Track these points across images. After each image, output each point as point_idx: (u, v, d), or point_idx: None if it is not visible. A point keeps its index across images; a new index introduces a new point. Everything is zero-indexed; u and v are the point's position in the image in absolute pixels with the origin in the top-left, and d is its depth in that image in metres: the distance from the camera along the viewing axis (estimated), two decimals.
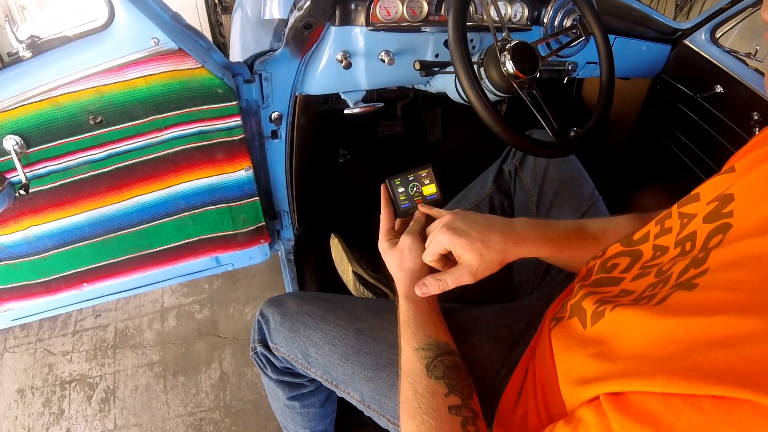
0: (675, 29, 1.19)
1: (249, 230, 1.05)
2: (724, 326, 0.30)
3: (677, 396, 0.30)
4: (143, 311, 1.60)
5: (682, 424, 0.29)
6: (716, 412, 0.28)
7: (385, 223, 0.68)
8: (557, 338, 0.51)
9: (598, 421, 0.35)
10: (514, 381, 0.58)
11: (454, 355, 0.56)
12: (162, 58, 0.72)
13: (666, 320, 0.35)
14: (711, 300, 0.34)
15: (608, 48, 0.84)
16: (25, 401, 1.41)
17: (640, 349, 0.36)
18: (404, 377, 0.55)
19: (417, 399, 0.51)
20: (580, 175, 0.91)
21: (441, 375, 0.53)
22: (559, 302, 0.63)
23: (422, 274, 0.63)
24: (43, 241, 0.90)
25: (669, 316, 0.35)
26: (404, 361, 0.56)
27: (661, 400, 0.30)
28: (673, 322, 0.34)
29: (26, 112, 0.73)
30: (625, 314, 0.40)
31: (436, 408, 0.50)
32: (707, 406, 0.28)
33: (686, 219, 0.45)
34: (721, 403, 0.27)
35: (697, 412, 0.28)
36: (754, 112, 1.04)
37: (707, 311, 0.32)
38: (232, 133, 0.87)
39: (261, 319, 0.75)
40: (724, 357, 0.29)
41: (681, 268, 0.40)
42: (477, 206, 1.05)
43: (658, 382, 0.31)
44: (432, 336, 0.57)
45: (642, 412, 0.31)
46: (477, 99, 0.69)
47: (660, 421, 0.30)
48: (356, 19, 0.82)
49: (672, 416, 0.29)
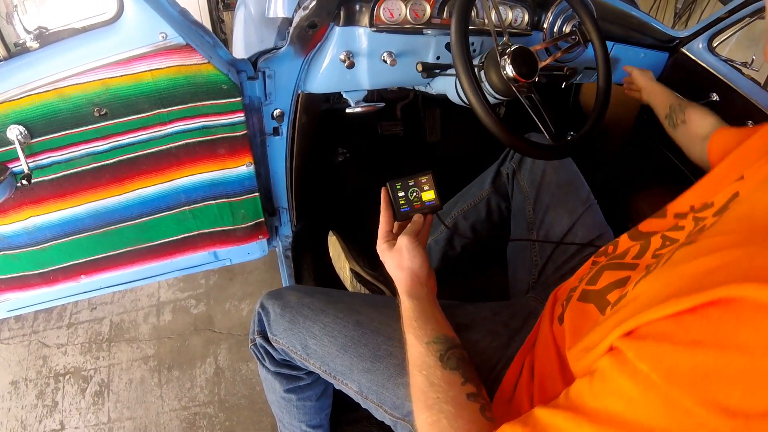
0: (673, 37, 1.21)
1: (248, 226, 1.06)
2: (722, 257, 0.33)
3: (686, 312, 0.32)
4: (139, 305, 1.60)
5: (694, 332, 0.31)
6: (723, 315, 0.30)
7: (384, 225, 0.70)
8: (571, 324, 0.52)
9: (614, 360, 0.35)
10: (510, 375, 0.59)
11: (461, 349, 0.57)
12: (169, 52, 0.73)
13: (670, 269, 0.37)
14: (710, 244, 0.36)
15: (606, 54, 0.85)
16: (19, 393, 1.41)
17: (648, 296, 0.37)
18: (416, 371, 0.55)
19: (434, 390, 0.51)
20: (576, 179, 0.93)
21: (455, 366, 0.54)
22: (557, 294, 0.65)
23: (422, 273, 0.64)
24: (42, 232, 0.90)
25: (673, 266, 0.37)
26: (414, 356, 0.57)
27: (672, 320, 0.32)
28: (678, 268, 0.36)
29: (31, 102, 0.74)
30: (640, 284, 0.42)
31: (454, 396, 0.50)
32: (714, 312, 0.30)
33: (700, 222, 0.48)
34: (726, 307, 0.30)
35: (706, 321, 0.30)
36: (748, 120, 1.06)
37: (707, 251, 0.35)
38: (234, 128, 0.87)
39: (261, 311, 0.76)
40: (724, 273, 0.31)
41: (686, 235, 0.43)
42: (474, 207, 1.06)
43: (668, 305, 0.33)
44: (439, 330, 0.58)
45: (655, 334, 0.33)
46: (477, 101, 0.70)
47: (674, 336, 0.32)
48: (360, 19, 0.83)
49: (683, 330, 0.31)
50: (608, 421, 0.33)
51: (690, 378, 0.30)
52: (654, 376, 0.31)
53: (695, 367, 0.30)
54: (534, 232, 0.91)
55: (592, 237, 0.85)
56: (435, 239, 1.09)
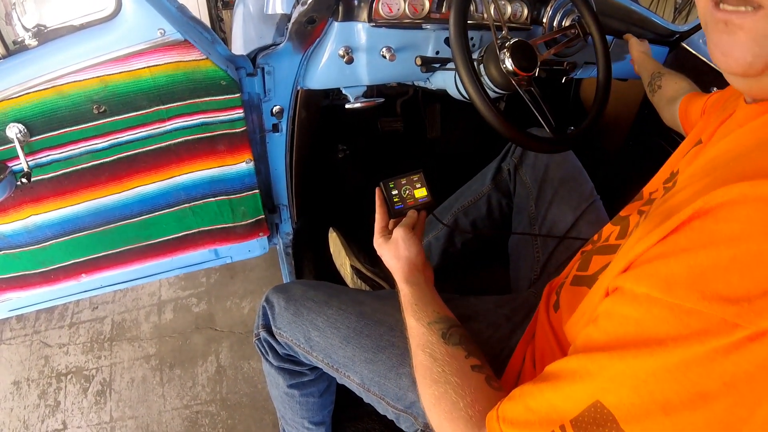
0: (673, 32, 1.20)
1: (248, 223, 1.06)
2: (692, 188, 0.35)
3: (671, 233, 0.33)
4: (140, 304, 1.60)
5: (682, 243, 0.32)
6: (704, 222, 0.32)
7: (379, 221, 0.73)
8: (567, 303, 0.53)
9: (612, 297, 0.37)
10: (512, 364, 0.60)
11: (463, 328, 0.57)
12: (167, 49, 0.73)
13: (649, 218, 0.38)
14: (681, 188, 0.38)
15: (605, 48, 0.85)
16: (21, 393, 1.41)
17: (632, 241, 0.38)
18: (419, 350, 0.55)
19: (438, 364, 0.52)
20: (580, 174, 0.92)
21: (458, 341, 0.54)
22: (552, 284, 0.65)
23: (418, 261, 0.66)
24: (43, 231, 0.90)
25: (651, 214, 0.39)
26: (416, 336, 0.57)
27: (660, 244, 0.34)
28: (656, 211, 0.38)
29: (30, 100, 0.74)
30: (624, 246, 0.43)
31: (459, 368, 0.51)
32: (696, 223, 0.32)
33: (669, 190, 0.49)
34: (705, 216, 0.32)
35: (689, 230, 0.32)
36: None
37: (680, 191, 0.37)
38: (234, 125, 0.87)
39: (266, 304, 0.77)
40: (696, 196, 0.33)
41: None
42: (475, 204, 1.06)
43: (654, 234, 0.34)
44: (440, 312, 0.59)
45: (647, 259, 0.35)
46: (477, 94, 0.70)
47: (664, 254, 0.33)
48: (359, 15, 0.83)
49: (672, 245, 0.33)
50: (621, 345, 0.34)
51: (687, 281, 0.31)
52: (654, 293, 0.32)
53: (690, 269, 0.31)
54: (536, 228, 0.91)
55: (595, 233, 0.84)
56: (435, 236, 1.09)
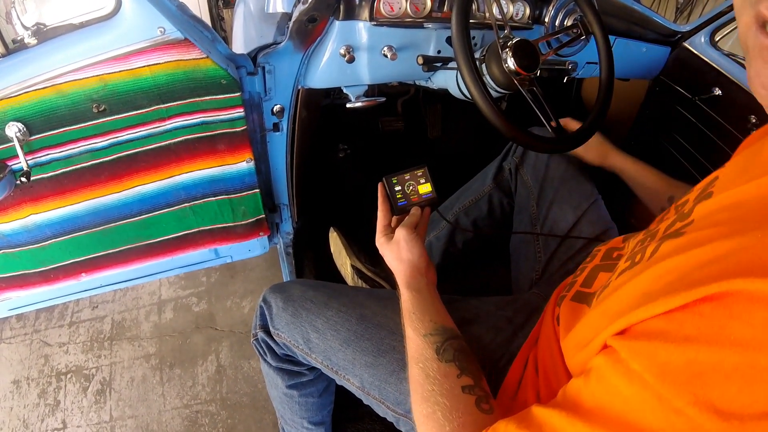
0: (675, 31, 1.20)
1: (248, 222, 1.05)
2: (713, 250, 0.32)
3: (678, 309, 0.31)
4: (140, 303, 1.60)
5: (687, 329, 0.30)
6: (716, 310, 0.29)
7: (381, 219, 0.71)
8: (565, 320, 0.52)
9: (608, 359, 0.35)
10: (513, 370, 0.59)
11: (460, 340, 0.57)
12: (167, 47, 0.72)
13: (658, 264, 0.36)
14: (699, 237, 0.35)
15: (608, 47, 0.85)
16: (21, 392, 1.41)
17: (638, 292, 0.36)
18: (413, 363, 0.55)
19: (429, 382, 0.51)
20: (581, 174, 0.92)
21: (451, 358, 0.53)
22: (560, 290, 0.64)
23: (421, 263, 0.65)
24: (42, 230, 0.90)
25: (663, 260, 0.36)
26: (412, 348, 0.57)
27: (664, 318, 0.32)
28: (666, 262, 0.35)
29: (29, 99, 0.73)
30: (625, 275, 0.41)
31: (450, 389, 0.50)
32: (706, 308, 0.29)
33: (680, 207, 0.47)
34: (718, 302, 0.29)
35: (698, 317, 0.30)
36: (751, 115, 1.05)
37: (697, 245, 0.34)
38: (234, 124, 0.87)
39: (264, 304, 0.76)
40: (716, 268, 0.30)
41: (667, 224, 0.43)
42: (476, 203, 1.06)
43: (660, 303, 0.32)
44: (438, 322, 0.58)
45: (648, 333, 0.32)
46: (479, 94, 0.70)
47: (667, 334, 0.31)
48: (360, 13, 0.82)
49: (677, 326, 0.31)
50: (603, 421, 0.33)
51: (683, 376, 0.29)
52: (647, 376, 0.31)
53: (688, 364, 0.29)
54: (538, 227, 0.90)
55: (597, 232, 0.84)
56: (436, 235, 1.08)
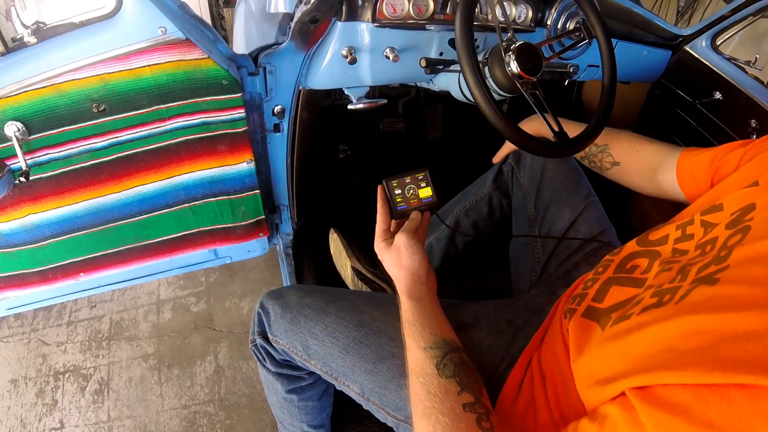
0: (676, 35, 1.20)
1: (248, 223, 1.05)
2: (750, 321, 0.31)
3: (707, 387, 0.30)
4: (139, 303, 1.59)
5: (713, 413, 0.29)
6: (744, 401, 0.28)
7: (381, 223, 0.69)
8: (575, 338, 0.51)
9: (626, 415, 0.35)
10: (514, 374, 0.59)
11: (461, 352, 0.57)
12: (168, 47, 0.72)
13: (691, 316, 0.35)
14: (735, 295, 0.34)
15: (611, 50, 0.84)
16: (18, 391, 1.40)
17: (665, 344, 0.36)
18: (414, 377, 0.55)
19: (430, 399, 0.51)
20: (576, 175, 0.92)
21: (452, 373, 0.53)
22: (569, 295, 0.64)
23: (421, 270, 0.64)
24: (41, 230, 0.89)
25: (694, 311, 0.35)
26: (413, 361, 0.56)
27: (691, 391, 0.31)
28: (700, 316, 0.35)
29: (29, 98, 0.73)
30: (650, 314, 0.40)
31: (451, 407, 0.50)
32: (736, 395, 0.29)
33: (709, 227, 0.46)
34: (749, 393, 0.28)
35: (726, 402, 0.29)
36: (751, 119, 1.05)
37: (732, 306, 0.33)
38: (235, 125, 0.87)
39: (261, 311, 0.75)
40: (752, 349, 0.30)
41: (701, 264, 0.41)
42: (476, 205, 1.06)
43: (690, 373, 0.31)
44: (438, 334, 0.57)
45: (672, 404, 0.32)
46: (482, 97, 0.69)
47: (691, 412, 0.30)
48: (363, 15, 0.82)
49: (702, 406, 0.30)
50: None
51: None
52: None
53: None
54: (536, 228, 0.91)
55: (594, 233, 0.84)
56: (437, 237, 1.08)
